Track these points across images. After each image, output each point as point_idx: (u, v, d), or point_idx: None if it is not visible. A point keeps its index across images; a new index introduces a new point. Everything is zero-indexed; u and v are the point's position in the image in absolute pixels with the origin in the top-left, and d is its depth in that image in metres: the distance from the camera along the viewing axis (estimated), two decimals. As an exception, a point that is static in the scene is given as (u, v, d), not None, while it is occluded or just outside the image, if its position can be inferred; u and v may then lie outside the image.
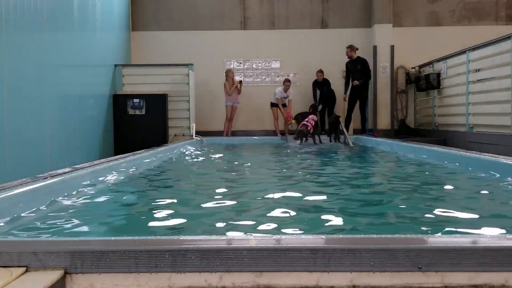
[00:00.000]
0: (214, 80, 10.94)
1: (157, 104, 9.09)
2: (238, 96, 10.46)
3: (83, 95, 7.58)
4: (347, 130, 9.28)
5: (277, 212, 2.48)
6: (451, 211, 2.52)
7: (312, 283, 1.32)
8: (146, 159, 5.12)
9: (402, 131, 10.78)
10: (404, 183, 3.72)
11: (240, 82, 10.43)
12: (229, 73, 10.29)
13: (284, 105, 10.69)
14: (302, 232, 2.11)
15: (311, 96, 10.94)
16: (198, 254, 1.33)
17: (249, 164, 5.51)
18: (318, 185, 3.75)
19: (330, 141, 9.17)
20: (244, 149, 8.11)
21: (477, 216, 2.39)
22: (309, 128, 8.53)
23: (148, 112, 9.02)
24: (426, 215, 2.42)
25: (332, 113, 10.14)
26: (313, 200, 2.97)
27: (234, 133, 10.75)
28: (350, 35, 11.18)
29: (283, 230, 2.12)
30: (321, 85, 10.71)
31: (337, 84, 10.94)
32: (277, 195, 3.04)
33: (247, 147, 8.58)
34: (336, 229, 2.19)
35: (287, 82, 10.54)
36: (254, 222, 2.28)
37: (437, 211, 2.50)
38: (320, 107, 10.50)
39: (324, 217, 2.39)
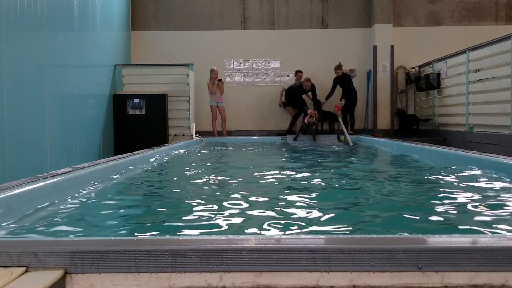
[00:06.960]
0: (214, 80, 10.95)
1: (157, 104, 9.09)
2: (222, 96, 10.20)
3: (83, 95, 7.57)
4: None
5: (276, 212, 2.48)
6: (450, 211, 2.52)
7: (312, 283, 1.32)
8: (146, 159, 5.12)
9: (402, 131, 10.77)
10: (402, 183, 3.72)
11: (220, 80, 10.15)
12: (211, 73, 10.06)
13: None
14: (302, 232, 2.11)
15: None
16: (198, 254, 1.33)
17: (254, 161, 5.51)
18: (319, 184, 3.75)
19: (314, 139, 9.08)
20: (245, 149, 8.10)
21: (477, 216, 2.39)
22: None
23: (148, 112, 9.02)
24: (426, 215, 2.42)
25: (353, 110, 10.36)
26: (314, 200, 2.97)
27: (231, 133, 10.73)
28: (350, 35, 11.20)
29: (283, 230, 2.12)
30: (342, 81, 10.44)
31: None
32: (279, 194, 3.04)
33: (250, 146, 8.57)
34: (336, 229, 2.19)
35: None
36: (254, 222, 2.28)
37: (436, 211, 2.50)
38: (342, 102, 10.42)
39: (324, 216, 2.39)
